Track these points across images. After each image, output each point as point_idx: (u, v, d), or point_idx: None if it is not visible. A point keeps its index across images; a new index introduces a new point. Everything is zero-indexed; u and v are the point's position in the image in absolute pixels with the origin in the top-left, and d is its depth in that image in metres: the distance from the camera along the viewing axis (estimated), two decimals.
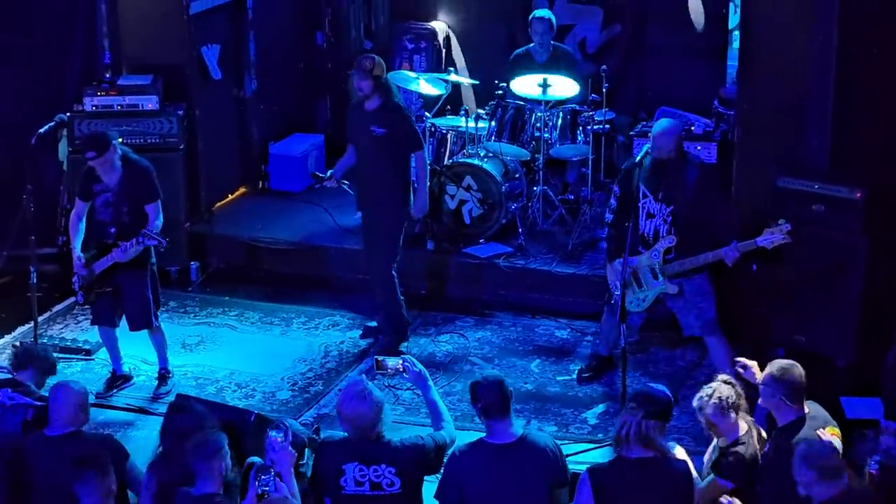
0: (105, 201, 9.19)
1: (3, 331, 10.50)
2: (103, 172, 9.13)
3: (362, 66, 9.49)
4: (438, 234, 11.32)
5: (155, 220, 9.15)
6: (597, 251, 11.05)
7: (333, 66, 13.59)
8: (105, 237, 9.21)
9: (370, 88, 9.49)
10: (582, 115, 11.40)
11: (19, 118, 11.23)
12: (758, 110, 9.71)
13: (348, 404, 6.63)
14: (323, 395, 9.45)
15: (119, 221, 9.17)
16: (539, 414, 9.11)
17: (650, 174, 8.81)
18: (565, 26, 13.14)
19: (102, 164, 9.06)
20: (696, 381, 9.41)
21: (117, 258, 9.09)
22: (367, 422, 6.60)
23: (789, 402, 6.82)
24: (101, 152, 9.01)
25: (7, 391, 7.52)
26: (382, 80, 9.57)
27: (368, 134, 9.57)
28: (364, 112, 9.62)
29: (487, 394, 6.63)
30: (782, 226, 8.32)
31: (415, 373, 7.11)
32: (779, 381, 6.84)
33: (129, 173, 9.16)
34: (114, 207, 9.17)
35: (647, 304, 9.04)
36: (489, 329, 10.51)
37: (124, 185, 9.14)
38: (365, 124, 9.59)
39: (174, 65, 11.51)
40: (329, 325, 10.41)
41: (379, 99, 9.55)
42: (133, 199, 9.16)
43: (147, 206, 9.17)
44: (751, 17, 9.81)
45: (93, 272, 9.20)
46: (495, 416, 6.62)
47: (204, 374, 9.81)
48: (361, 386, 6.71)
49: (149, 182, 9.23)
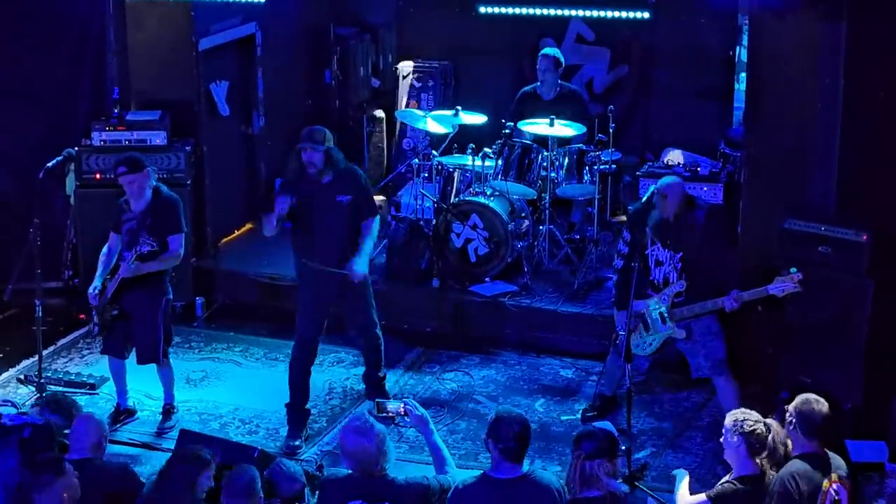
0: (129, 229, 9.27)
1: (7, 364, 10.50)
2: (132, 196, 9.20)
3: (313, 138, 8.98)
4: (444, 272, 11.33)
5: (176, 252, 9.25)
6: (602, 291, 11.05)
7: (341, 104, 13.63)
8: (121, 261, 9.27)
9: (322, 162, 8.97)
10: (588, 155, 11.42)
11: (28, 152, 11.29)
12: (764, 152, 9.72)
13: (351, 439, 6.61)
14: (326, 431, 9.43)
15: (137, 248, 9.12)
16: (543, 453, 9.08)
17: (658, 224, 8.84)
18: (573, 66, 13.20)
19: (130, 183, 9.12)
20: (701, 423, 9.42)
21: (124, 275, 9.10)
22: (371, 457, 6.58)
23: (802, 433, 6.81)
24: (131, 170, 9.09)
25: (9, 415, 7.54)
26: (332, 151, 9.05)
27: (332, 205, 9.05)
28: (320, 185, 9.06)
29: (512, 439, 6.50)
30: (794, 274, 8.34)
31: (417, 416, 7.04)
32: (798, 411, 6.85)
33: (157, 203, 9.22)
34: (134, 235, 9.18)
35: (653, 348, 9.04)
36: (494, 367, 10.50)
37: (148, 214, 9.19)
38: (326, 195, 9.07)
39: (182, 101, 11.56)
40: (334, 362, 10.40)
41: (332, 169, 9.07)
42: (156, 230, 9.19)
43: (170, 237, 9.25)
44: (757, 60, 9.84)
45: (105, 296, 9.22)
46: (511, 460, 6.55)
47: (208, 409, 9.80)
48: (363, 420, 6.69)
49: (175, 214, 9.30)
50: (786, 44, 9.49)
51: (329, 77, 13.69)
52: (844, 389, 9.02)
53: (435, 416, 9.60)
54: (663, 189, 8.78)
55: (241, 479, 6.69)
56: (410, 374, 10.36)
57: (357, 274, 9.10)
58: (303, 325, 9.34)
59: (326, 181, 9.06)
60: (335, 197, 9.05)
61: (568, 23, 13.36)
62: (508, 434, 6.50)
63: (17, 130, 11.59)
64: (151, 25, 11.48)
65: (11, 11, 11.42)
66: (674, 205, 8.75)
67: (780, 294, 8.42)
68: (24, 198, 10.77)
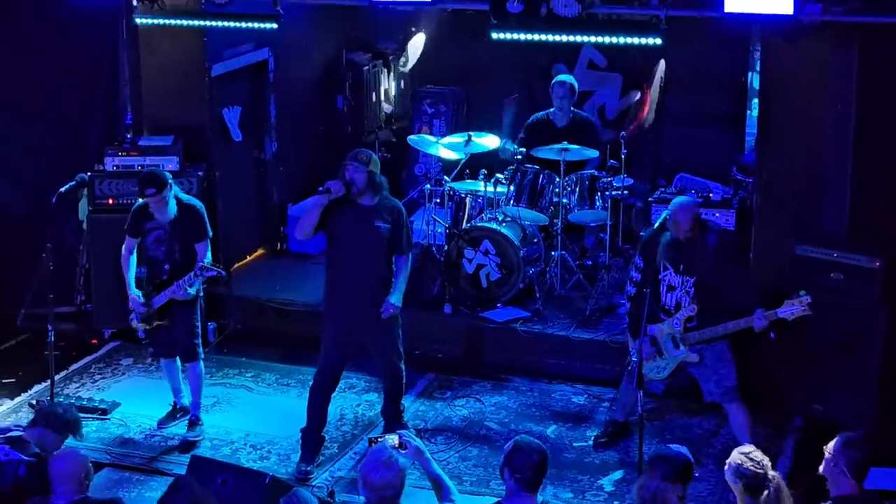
0: (157, 238, 9.53)
1: (19, 389, 10.50)
2: (157, 210, 9.44)
3: (359, 158, 9.00)
4: (456, 298, 11.32)
5: (204, 258, 9.50)
6: (614, 317, 11.03)
7: (353, 129, 13.66)
8: (160, 273, 9.55)
9: (364, 183, 8.99)
10: (600, 181, 11.42)
11: (41, 177, 11.33)
12: (776, 178, 9.73)
13: (376, 473, 6.40)
14: (338, 458, 9.41)
15: (172, 259, 9.53)
16: (555, 480, 9.04)
17: (670, 248, 8.83)
18: (585, 92, 13.21)
19: (159, 201, 9.37)
20: (713, 450, 9.38)
21: (176, 295, 9.44)
22: (395, 491, 6.46)
23: (849, 473, 6.76)
24: (160, 190, 9.32)
25: (5, 448, 7.51)
26: (377, 176, 9.08)
27: (370, 229, 9.07)
28: (360, 206, 9.10)
29: (529, 469, 6.40)
30: (803, 298, 8.32)
31: (413, 447, 6.94)
32: (842, 452, 6.78)
33: (182, 212, 9.49)
34: (166, 245, 9.52)
35: (667, 373, 9.02)
36: (506, 394, 10.47)
37: (177, 224, 9.47)
38: (365, 219, 9.08)
39: (195, 126, 11.59)
40: (345, 388, 10.37)
41: (375, 194, 9.11)
42: (184, 237, 9.51)
43: (197, 245, 9.54)
44: (769, 86, 9.85)
45: (151, 307, 9.53)
46: (527, 490, 6.49)
47: (219, 435, 9.79)
48: (388, 453, 6.54)
49: (200, 221, 9.57)
50: (798, 70, 9.51)
51: (341, 103, 13.72)
52: (857, 416, 8.97)
53: (446, 443, 9.61)
54: (676, 208, 8.77)
55: None
56: (422, 401, 10.34)
57: (392, 306, 9.13)
58: (328, 353, 9.32)
59: (366, 204, 9.05)
60: (374, 221, 9.05)
61: (580, 49, 13.39)
62: (526, 464, 6.40)
63: (31, 155, 11.64)
64: (164, 51, 11.52)
65: (26, 36, 11.46)
66: (686, 224, 8.72)
67: (790, 317, 8.39)
68: (36, 222, 10.78)
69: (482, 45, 12.37)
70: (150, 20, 10.97)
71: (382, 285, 9.14)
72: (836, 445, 6.83)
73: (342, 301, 9.19)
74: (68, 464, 7.08)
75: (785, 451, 9.18)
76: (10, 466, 7.38)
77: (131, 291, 9.56)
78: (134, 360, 11.10)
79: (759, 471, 6.63)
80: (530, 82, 13.51)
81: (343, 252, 9.11)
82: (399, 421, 9.48)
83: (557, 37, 9.77)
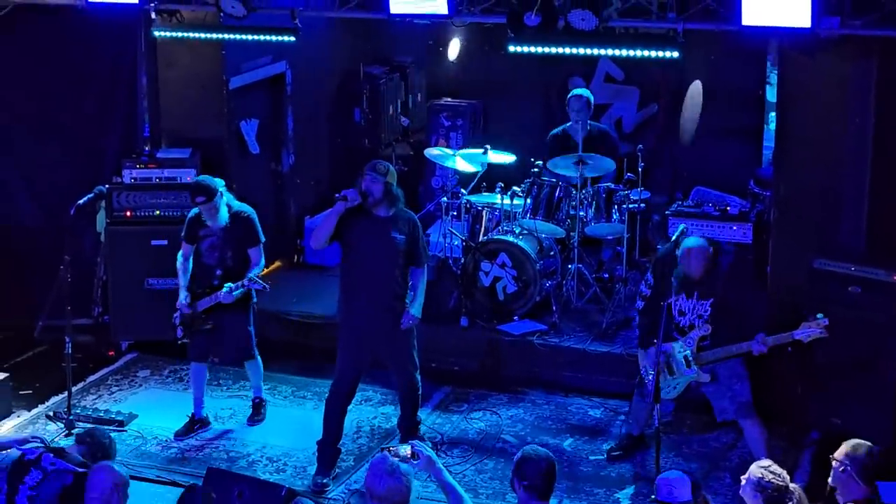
0: (210, 245, 9.79)
1: (37, 400, 10.52)
2: (209, 217, 9.66)
3: (377, 169, 9.03)
4: (472, 311, 11.32)
5: (258, 263, 9.82)
6: (631, 330, 11.01)
7: (370, 142, 13.68)
8: (212, 279, 9.79)
9: (381, 193, 8.99)
10: (617, 194, 11.41)
11: (59, 189, 11.36)
12: (794, 191, 9.71)
13: (381, 482, 6.48)
14: (354, 470, 9.41)
15: (224, 265, 9.79)
16: (571, 493, 9.03)
17: (683, 281, 8.85)
18: (602, 105, 13.22)
19: (209, 209, 9.62)
20: (730, 464, 9.35)
21: (223, 300, 9.64)
22: (402, 497, 6.49)
23: (858, 478, 6.75)
24: (209, 198, 9.58)
25: (49, 456, 7.53)
26: (393, 187, 9.10)
27: (386, 240, 9.08)
28: (376, 217, 9.12)
29: (538, 476, 6.47)
30: (820, 320, 8.32)
31: (425, 457, 6.95)
32: (851, 457, 6.78)
33: (234, 219, 9.77)
34: (219, 251, 9.80)
35: (678, 392, 9.02)
36: (522, 407, 10.47)
37: (229, 230, 9.74)
38: (381, 230, 9.10)
39: (213, 139, 11.63)
40: (361, 401, 10.37)
41: (391, 205, 9.12)
42: (237, 243, 9.79)
43: (250, 250, 9.83)
44: (787, 99, 9.84)
45: (195, 309, 9.78)
46: (537, 498, 6.51)
47: (236, 447, 9.80)
48: (389, 461, 6.60)
49: (252, 227, 9.84)
50: (815, 83, 9.49)
51: (358, 116, 13.75)
52: (875, 430, 8.93)
53: (462, 455, 9.60)
54: (688, 253, 8.79)
55: None
56: (438, 413, 10.34)
57: (412, 317, 9.15)
58: (344, 365, 9.32)
59: (382, 215, 9.07)
60: (390, 232, 9.06)
61: (597, 62, 13.40)
62: (534, 472, 6.47)
63: (49, 167, 11.68)
64: (183, 64, 11.56)
65: (44, 50, 11.51)
66: (699, 268, 8.78)
67: (806, 340, 8.40)
68: (55, 235, 10.82)
69: (500, 59, 12.43)
70: (168, 33, 11.01)
71: (397, 297, 9.15)
72: (844, 451, 6.83)
73: (357, 312, 9.19)
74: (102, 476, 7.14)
75: (802, 465, 9.15)
76: (57, 476, 7.39)
77: (180, 295, 9.81)
78: (151, 371, 11.13)
79: (780, 483, 6.61)
80: (547, 95, 13.52)
81: (358, 263, 9.11)
82: (416, 433, 9.47)
83: (574, 50, 9.79)
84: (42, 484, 7.36)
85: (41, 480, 7.38)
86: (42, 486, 7.36)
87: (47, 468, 7.40)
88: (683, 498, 6.54)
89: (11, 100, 11.65)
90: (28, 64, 11.52)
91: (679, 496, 6.55)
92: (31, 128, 11.69)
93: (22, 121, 11.69)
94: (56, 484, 7.32)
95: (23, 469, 7.41)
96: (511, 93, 13.74)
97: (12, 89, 11.61)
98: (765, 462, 6.85)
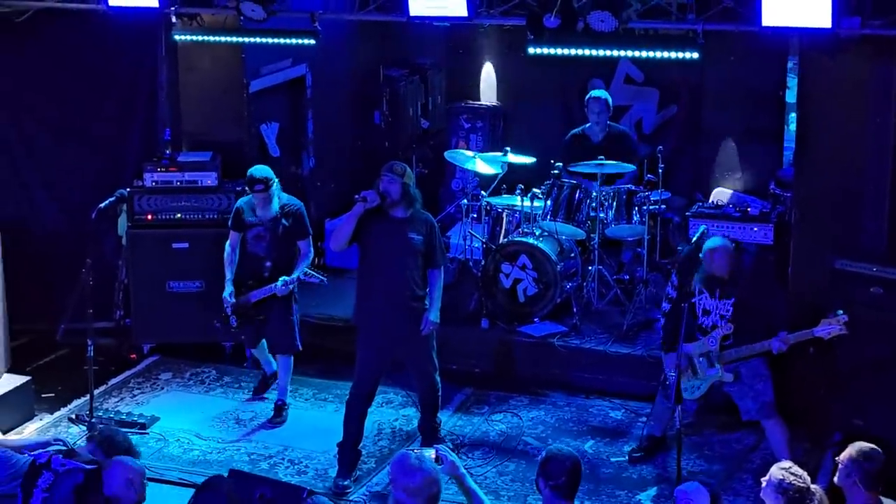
0: (257, 234, 10.01)
1: (59, 403, 10.56)
2: (261, 206, 9.96)
3: (394, 170, 9.03)
4: (493, 313, 11.33)
5: (308, 255, 10.07)
6: (652, 331, 10.99)
7: (390, 144, 13.69)
8: (261, 270, 10.02)
9: (398, 195, 9.00)
10: (638, 196, 11.40)
11: (81, 192, 11.42)
12: (814, 192, 9.68)
13: (414, 476, 6.28)
14: (375, 472, 9.42)
15: (272, 256, 10.02)
16: (593, 496, 9.02)
17: (706, 279, 8.85)
18: (622, 107, 13.21)
19: (265, 198, 9.87)
20: (752, 465, 9.34)
21: (279, 293, 9.85)
22: (438, 487, 6.32)
23: (862, 485, 6.73)
24: (267, 187, 9.86)
25: (59, 458, 7.57)
26: (411, 188, 9.11)
27: (403, 241, 9.09)
28: (394, 218, 9.11)
29: (563, 475, 6.47)
30: (840, 317, 8.31)
31: (450, 462, 6.92)
32: (856, 463, 6.77)
33: (284, 210, 10.00)
34: (267, 242, 10.02)
35: (701, 392, 9.01)
36: (543, 409, 10.46)
37: (277, 221, 9.96)
38: (398, 231, 9.10)
39: (233, 142, 11.65)
40: (382, 403, 10.39)
41: (408, 207, 9.11)
42: (286, 235, 10.00)
43: (300, 242, 10.08)
44: (807, 100, 9.81)
45: (248, 301, 9.96)
46: (562, 497, 6.50)
47: (257, 449, 9.82)
48: (413, 456, 6.45)
49: (302, 219, 10.09)
50: (836, 83, 9.46)
51: (378, 118, 13.77)
52: None
53: (484, 458, 9.60)
54: (712, 252, 8.80)
55: None
56: (459, 415, 10.35)
57: (431, 323, 9.16)
58: (363, 367, 9.33)
59: (399, 216, 9.08)
60: (407, 233, 9.07)
61: (617, 64, 13.38)
62: (559, 470, 6.46)
63: (71, 171, 11.73)
64: (203, 67, 11.59)
65: (65, 54, 11.56)
66: (724, 266, 8.79)
67: (826, 336, 8.39)
68: (76, 238, 10.87)
69: (519, 61, 12.43)
70: (188, 37, 11.04)
71: (415, 297, 9.15)
72: (849, 455, 6.81)
73: (375, 313, 9.19)
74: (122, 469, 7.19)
75: (824, 466, 9.11)
76: (69, 476, 7.44)
77: (226, 288, 10.01)
78: (172, 374, 11.16)
79: (801, 484, 6.60)
80: (567, 97, 13.51)
81: (375, 264, 9.12)
82: (436, 435, 9.48)
83: (594, 51, 9.78)
84: (54, 485, 7.42)
85: (53, 482, 7.44)
86: (54, 487, 7.42)
87: (58, 469, 7.46)
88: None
89: (33, 103, 11.70)
90: (49, 67, 11.57)
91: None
92: (53, 131, 11.74)
93: (43, 124, 11.74)
94: (68, 483, 7.37)
95: (35, 473, 7.48)
96: (531, 95, 13.74)
97: (34, 93, 11.66)
98: (785, 463, 6.83)
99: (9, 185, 11.49)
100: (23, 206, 11.77)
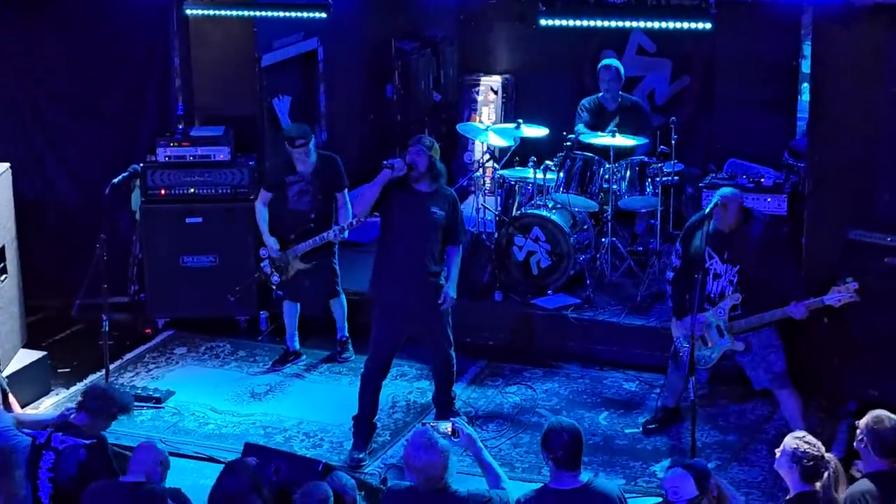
0: (300, 190, 10.36)
1: (75, 378, 10.60)
2: (301, 161, 10.26)
3: (422, 142, 9.10)
4: (506, 285, 11.33)
5: (347, 205, 10.34)
6: (665, 303, 10.96)
7: (403, 118, 13.68)
8: (307, 223, 10.32)
9: (425, 167, 9.01)
10: (651, 167, 11.38)
11: (94, 168, 11.43)
12: (828, 163, 9.64)
13: (418, 455, 6.61)
14: (390, 445, 9.45)
15: (317, 208, 10.35)
16: (607, 467, 9.04)
17: (714, 237, 8.80)
18: (634, 78, 13.18)
19: (306, 152, 10.19)
20: (766, 436, 9.34)
21: (334, 239, 10.26)
22: (437, 471, 6.58)
23: (874, 453, 6.75)
24: (307, 140, 10.18)
25: (58, 436, 7.60)
26: (437, 162, 9.11)
27: (426, 214, 9.07)
28: (417, 192, 9.11)
29: (562, 447, 6.57)
30: (850, 284, 8.30)
31: (466, 435, 7.04)
32: (869, 429, 6.78)
33: (321, 163, 10.35)
34: (311, 195, 10.33)
35: (712, 362, 9.01)
36: (557, 381, 10.47)
37: (317, 174, 10.31)
38: (422, 205, 9.08)
39: (246, 116, 11.64)
40: (397, 376, 10.40)
41: (433, 181, 9.12)
42: (326, 187, 10.34)
43: (338, 194, 10.40)
44: (821, 69, 9.77)
45: (294, 254, 10.31)
46: (565, 468, 6.57)
47: (272, 423, 9.85)
48: (428, 436, 6.70)
49: (339, 170, 10.44)
50: (850, 53, 9.41)
51: (391, 91, 13.75)
52: None
53: (498, 430, 9.62)
54: (723, 200, 8.74)
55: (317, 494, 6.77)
56: (473, 388, 10.36)
57: (450, 298, 9.17)
58: (378, 340, 9.34)
59: (424, 189, 9.07)
60: (430, 207, 9.06)
61: (629, 34, 13.33)
62: (558, 443, 6.58)
63: (84, 147, 11.75)
64: (215, 41, 11.57)
65: (77, 30, 11.56)
66: (733, 216, 8.73)
67: (837, 304, 8.38)
68: (90, 214, 10.89)
69: (531, 33, 12.40)
70: (200, 11, 11.01)
71: (433, 273, 9.15)
72: (865, 422, 6.82)
73: (393, 287, 9.19)
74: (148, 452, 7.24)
75: (839, 437, 9.13)
76: (71, 452, 7.47)
77: (268, 239, 10.38)
78: (188, 348, 11.19)
79: (815, 453, 6.61)
80: (579, 69, 13.47)
81: (396, 237, 9.11)
82: (451, 408, 9.50)
83: (606, 22, 9.72)
84: (58, 463, 7.47)
85: (56, 460, 7.49)
86: (58, 465, 7.47)
87: (59, 447, 7.51)
88: (689, 494, 6.55)
89: (45, 79, 11.70)
90: (62, 42, 11.57)
91: (685, 494, 6.55)
92: (66, 107, 11.75)
93: (56, 100, 11.75)
94: (72, 461, 7.44)
95: (37, 454, 7.54)
96: (543, 67, 13.70)
97: (46, 68, 11.66)
98: (799, 433, 6.84)
99: (23, 161, 11.50)
100: (37, 182, 11.78)
